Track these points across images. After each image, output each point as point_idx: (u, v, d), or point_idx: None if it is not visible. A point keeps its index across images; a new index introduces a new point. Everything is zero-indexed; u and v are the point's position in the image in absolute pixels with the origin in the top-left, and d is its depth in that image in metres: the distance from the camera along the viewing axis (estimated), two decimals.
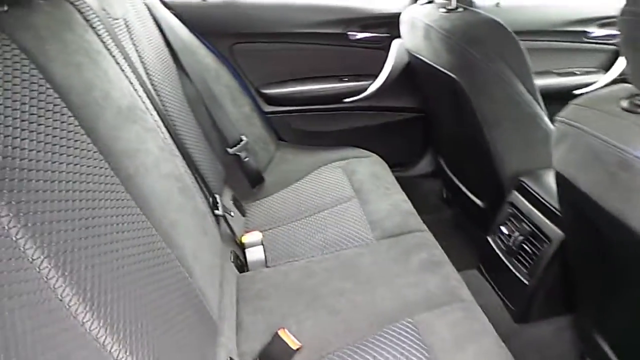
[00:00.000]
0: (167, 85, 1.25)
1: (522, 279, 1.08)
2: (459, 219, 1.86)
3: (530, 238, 1.08)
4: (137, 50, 1.12)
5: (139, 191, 0.76)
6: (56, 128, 0.62)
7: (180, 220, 0.88)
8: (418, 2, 1.45)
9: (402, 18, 1.42)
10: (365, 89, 1.70)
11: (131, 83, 0.94)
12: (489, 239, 1.21)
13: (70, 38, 0.76)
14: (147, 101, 1.00)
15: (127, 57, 0.98)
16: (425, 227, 1.27)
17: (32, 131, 0.58)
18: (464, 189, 1.51)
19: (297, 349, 0.94)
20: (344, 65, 1.70)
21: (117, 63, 0.91)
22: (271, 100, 1.70)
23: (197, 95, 1.41)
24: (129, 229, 0.70)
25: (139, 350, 0.61)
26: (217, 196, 1.24)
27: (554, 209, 1.04)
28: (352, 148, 1.72)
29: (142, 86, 1.00)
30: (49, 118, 0.61)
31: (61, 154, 0.61)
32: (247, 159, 1.52)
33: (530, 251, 1.07)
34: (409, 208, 1.35)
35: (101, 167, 0.68)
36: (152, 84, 1.16)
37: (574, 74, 1.80)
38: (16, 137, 0.54)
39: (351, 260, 1.15)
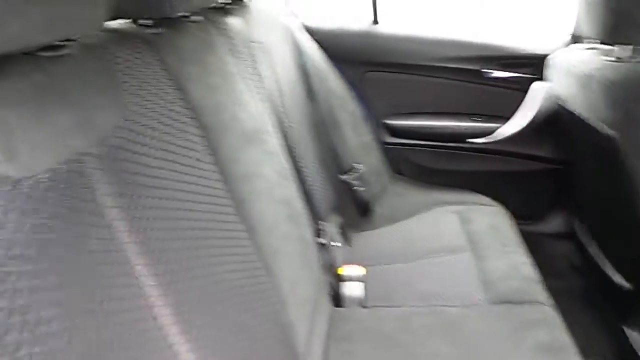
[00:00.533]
0: (295, 107, 1.28)
1: None
2: (591, 293, 1.60)
3: None
4: (273, 73, 1.16)
5: (248, 216, 0.76)
6: (185, 147, 0.65)
7: (283, 248, 0.86)
8: (575, 45, 1.29)
9: (551, 61, 1.28)
10: (495, 131, 1.57)
11: (260, 105, 0.96)
12: (627, 332, 1.00)
13: (210, 60, 0.80)
14: (274, 125, 1.02)
15: (261, 80, 1.02)
16: (550, 300, 1.10)
17: (163, 150, 0.60)
18: (603, 261, 1.29)
19: None
20: (475, 103, 1.59)
21: (250, 85, 0.94)
22: (393, 131, 1.65)
23: (321, 119, 1.42)
24: (233, 253, 0.70)
25: None
26: (323, 223, 1.22)
27: None
28: (472, 193, 1.59)
29: (271, 108, 1.03)
30: (180, 137, 0.64)
31: (185, 174, 0.63)
32: (358, 188, 1.48)
33: None
34: (531, 273, 1.18)
35: (217, 189, 0.70)
36: (282, 106, 1.19)
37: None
38: (145, 154, 0.57)
39: (455, 322, 1.04)
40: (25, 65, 0.44)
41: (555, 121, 1.39)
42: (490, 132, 1.58)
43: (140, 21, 0.69)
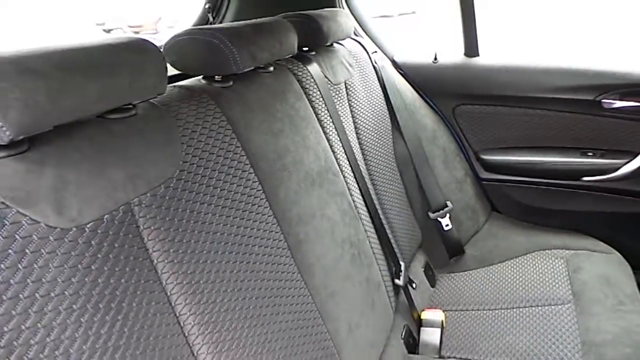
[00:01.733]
0: (378, 144, 1.28)
1: None
2: None
3: None
4: (352, 112, 1.18)
5: (305, 258, 0.78)
6: (241, 194, 0.70)
7: (343, 290, 0.86)
8: None
9: None
10: (616, 168, 1.37)
11: (332, 146, 0.99)
12: None
13: (278, 107, 0.85)
14: (345, 162, 1.04)
15: (336, 121, 1.05)
16: None
17: (218, 197, 0.66)
18: None
19: None
20: (590, 137, 1.41)
21: (322, 126, 0.98)
22: (490, 166, 1.55)
23: (408, 155, 1.40)
24: (285, 295, 0.73)
25: None
26: (402, 264, 1.19)
27: None
28: (584, 236, 1.41)
29: (344, 147, 1.05)
30: (236, 184, 0.69)
31: (240, 219, 0.68)
32: (448, 227, 1.41)
33: None
34: None
35: (272, 231, 0.73)
36: (361, 144, 1.20)
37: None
38: (198, 202, 0.63)
39: None
40: (92, 128, 0.53)
41: None
42: (608, 168, 1.39)
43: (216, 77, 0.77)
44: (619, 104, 1.34)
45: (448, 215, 1.41)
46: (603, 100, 1.35)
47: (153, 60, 0.56)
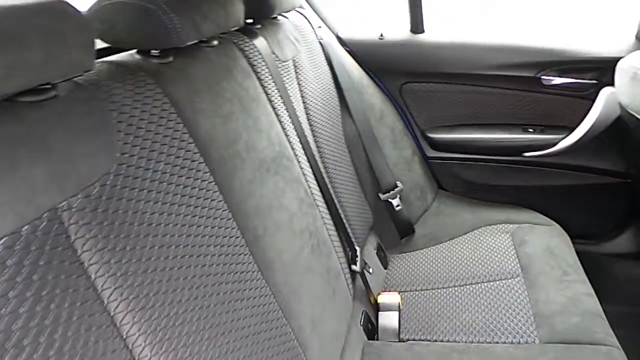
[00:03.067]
0: (327, 124, 1.22)
1: None
2: None
3: None
4: (301, 91, 1.11)
5: (264, 253, 0.71)
6: (191, 187, 0.61)
7: (305, 284, 0.81)
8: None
9: (620, 65, 1.13)
10: (555, 143, 1.42)
11: (284, 129, 0.91)
12: None
13: (225, 87, 0.75)
14: (298, 147, 0.96)
15: (287, 101, 0.97)
16: (615, 340, 0.96)
17: (165, 192, 0.56)
18: None
19: None
20: (530, 113, 1.45)
21: (274, 108, 0.90)
22: (437, 145, 1.55)
23: (357, 135, 1.35)
24: (246, 297, 0.65)
25: None
26: (357, 249, 1.15)
27: None
28: (526, 210, 1.45)
29: (296, 131, 0.98)
30: (185, 176, 0.60)
31: (191, 216, 0.59)
32: (399, 207, 1.40)
33: None
34: (595, 307, 1.05)
35: (228, 227, 0.65)
36: (311, 125, 1.13)
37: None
38: (142, 200, 0.53)
39: None
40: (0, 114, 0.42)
41: (623, 131, 1.23)
42: (547, 144, 1.43)
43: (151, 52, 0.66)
44: (557, 80, 1.38)
45: (398, 195, 1.40)
46: (542, 77, 1.38)
47: (75, 28, 0.44)
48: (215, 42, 0.81)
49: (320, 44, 1.31)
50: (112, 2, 0.61)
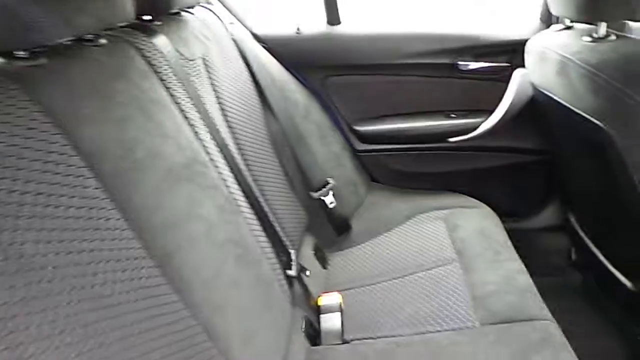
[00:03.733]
0: (249, 125, 1.15)
1: None
2: (592, 289, 1.49)
3: None
4: (215, 91, 1.03)
5: (178, 272, 0.64)
6: (80, 208, 0.52)
7: (231, 299, 0.74)
8: (552, 27, 1.17)
9: (529, 47, 1.16)
10: (476, 127, 1.45)
11: (196, 132, 0.83)
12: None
13: (117, 89, 0.67)
14: (215, 151, 0.89)
15: (197, 102, 0.89)
16: (548, 313, 0.99)
17: (48, 205, 0.47)
18: (604, 260, 1.17)
19: None
20: (451, 99, 1.47)
21: (182, 111, 0.82)
22: (365, 138, 1.53)
23: (282, 134, 1.30)
24: (159, 325, 0.58)
25: None
26: (292, 252, 1.10)
27: None
28: (457, 195, 1.47)
29: (211, 134, 0.90)
30: (63, 195, 0.51)
31: (82, 240, 0.50)
32: (333, 205, 1.36)
33: None
34: (527, 283, 1.07)
35: (131, 248, 0.57)
36: (230, 127, 1.06)
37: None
38: (31, 217, 0.44)
39: (445, 351, 0.92)
40: None
41: (537, 110, 1.28)
42: (470, 128, 1.46)
43: (16, 53, 0.56)
44: (473, 65, 1.41)
45: (331, 192, 1.36)
46: (459, 63, 1.41)
47: None
48: (104, 41, 0.71)
49: (234, 41, 1.24)
50: None
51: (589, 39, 0.93)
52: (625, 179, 0.86)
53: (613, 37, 0.91)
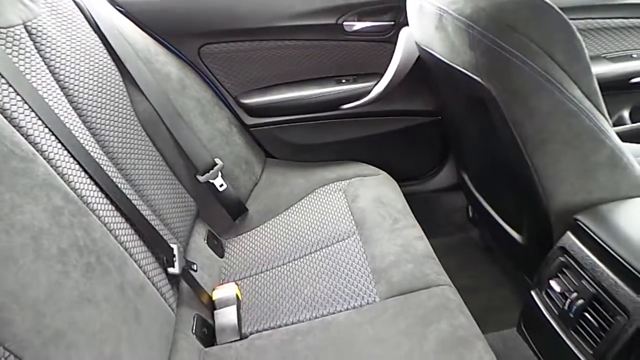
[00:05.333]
0: (107, 106, 0.98)
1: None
2: (490, 242, 1.54)
3: (596, 305, 0.76)
4: (48, 66, 0.85)
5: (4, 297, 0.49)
6: None
7: (79, 319, 0.60)
8: None
9: (409, 2, 1.10)
10: (369, 92, 1.39)
11: (13, 119, 0.66)
12: (534, 295, 0.90)
13: None
14: (50, 140, 0.72)
15: (16, 80, 0.71)
16: (446, 277, 0.97)
17: None
18: (496, 217, 1.19)
19: None
20: (341, 63, 1.39)
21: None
22: (254, 111, 1.41)
23: (155, 113, 1.13)
24: None
25: None
26: (174, 247, 0.97)
27: (630, 267, 0.72)
28: (355, 163, 1.42)
29: (42, 119, 0.73)
30: None
31: None
32: (223, 187, 1.23)
33: (596, 323, 0.75)
34: (425, 248, 1.04)
35: None
36: (76, 108, 0.89)
37: (631, 58, 1.44)
38: None
39: (345, 334, 0.86)
40: None
41: (423, 69, 1.24)
42: (362, 93, 1.40)
43: None
44: (358, 25, 1.34)
45: (220, 173, 1.23)
46: (344, 23, 1.32)
47: None
48: None
49: (78, 5, 1.04)
50: None
51: None
52: (507, 136, 0.84)
53: None
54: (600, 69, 1.39)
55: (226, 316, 0.99)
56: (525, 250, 1.04)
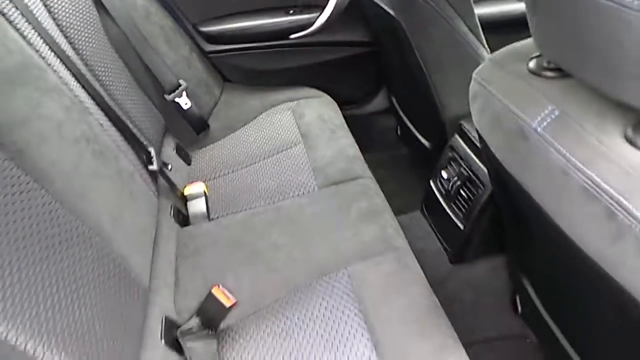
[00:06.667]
0: (84, 29, 1.14)
1: (458, 223, 1.09)
2: (414, 156, 1.85)
3: (467, 183, 1.07)
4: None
5: (35, 164, 0.71)
6: None
7: (93, 187, 0.83)
8: None
9: None
10: (312, 23, 1.59)
11: (24, 37, 0.84)
12: (431, 183, 1.20)
13: None
14: (50, 55, 0.91)
15: (22, 7, 0.87)
16: (369, 172, 1.26)
17: None
18: (412, 128, 1.48)
19: (231, 306, 0.95)
20: None
21: (3, 15, 0.81)
22: (212, 38, 1.58)
23: (125, 38, 1.30)
24: (25, 207, 0.66)
25: (43, 335, 0.59)
26: (151, 150, 1.18)
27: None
28: (302, 88, 1.65)
29: (42, 38, 0.91)
30: None
31: None
32: (188, 105, 1.44)
33: (466, 196, 1.07)
34: (355, 153, 1.32)
35: None
36: (62, 31, 1.05)
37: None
38: None
39: (291, 212, 1.14)
40: None
41: (360, 5, 1.46)
42: (308, 23, 1.60)
43: None
44: None
45: (184, 93, 1.42)
46: None
47: None
48: None
49: None
50: None
51: None
52: (413, 61, 1.10)
53: None
54: (489, 9, 1.60)
55: (197, 206, 1.24)
56: (431, 153, 1.34)
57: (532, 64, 0.55)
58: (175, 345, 0.89)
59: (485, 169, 1.01)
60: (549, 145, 0.47)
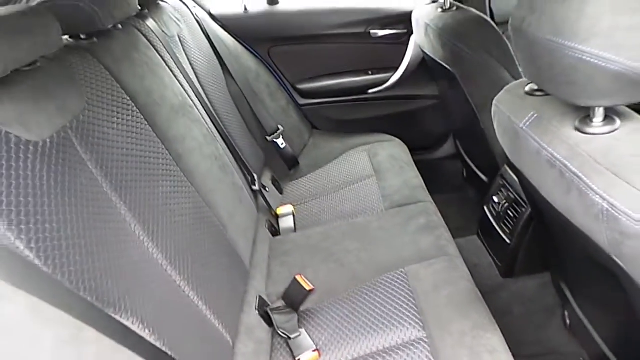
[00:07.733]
0: (214, 85, 1.55)
1: (505, 239, 1.25)
2: (478, 195, 2.01)
3: (514, 204, 1.24)
4: (189, 59, 1.43)
5: (186, 166, 1.05)
6: (127, 121, 0.92)
7: (218, 189, 1.16)
8: (424, 1, 1.64)
9: (412, 17, 1.62)
10: (388, 80, 1.91)
11: (182, 85, 1.24)
12: (485, 208, 1.38)
13: (136, 56, 1.06)
14: (195, 99, 1.30)
15: (180, 66, 1.29)
16: (429, 198, 1.47)
17: (112, 124, 0.88)
18: (474, 168, 1.68)
19: (310, 291, 1.19)
20: (368, 60, 1.92)
21: (172, 71, 1.22)
22: (305, 93, 1.96)
23: (240, 92, 1.71)
24: (179, 191, 0.99)
25: (184, 272, 0.88)
26: (255, 175, 1.52)
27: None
28: (377, 134, 1.94)
29: (191, 87, 1.31)
30: (121, 114, 0.91)
31: (130, 141, 0.91)
32: (284, 146, 1.79)
33: (512, 215, 1.23)
34: (419, 183, 1.55)
35: (159, 148, 0.98)
36: (201, 85, 1.46)
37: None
38: (101, 126, 0.84)
39: (361, 226, 1.38)
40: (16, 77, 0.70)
41: (425, 64, 1.75)
42: (383, 81, 1.93)
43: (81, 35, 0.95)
44: (381, 32, 1.86)
45: (281, 136, 1.78)
46: (371, 31, 1.85)
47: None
48: (120, 26, 1.10)
49: (197, 21, 1.63)
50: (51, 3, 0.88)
51: (440, 10, 1.40)
52: (469, 108, 1.34)
53: (454, 9, 1.38)
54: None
55: (286, 222, 1.53)
56: (488, 186, 1.53)
57: (527, 88, 0.77)
58: (265, 317, 1.14)
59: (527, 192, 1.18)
60: (529, 137, 0.69)
